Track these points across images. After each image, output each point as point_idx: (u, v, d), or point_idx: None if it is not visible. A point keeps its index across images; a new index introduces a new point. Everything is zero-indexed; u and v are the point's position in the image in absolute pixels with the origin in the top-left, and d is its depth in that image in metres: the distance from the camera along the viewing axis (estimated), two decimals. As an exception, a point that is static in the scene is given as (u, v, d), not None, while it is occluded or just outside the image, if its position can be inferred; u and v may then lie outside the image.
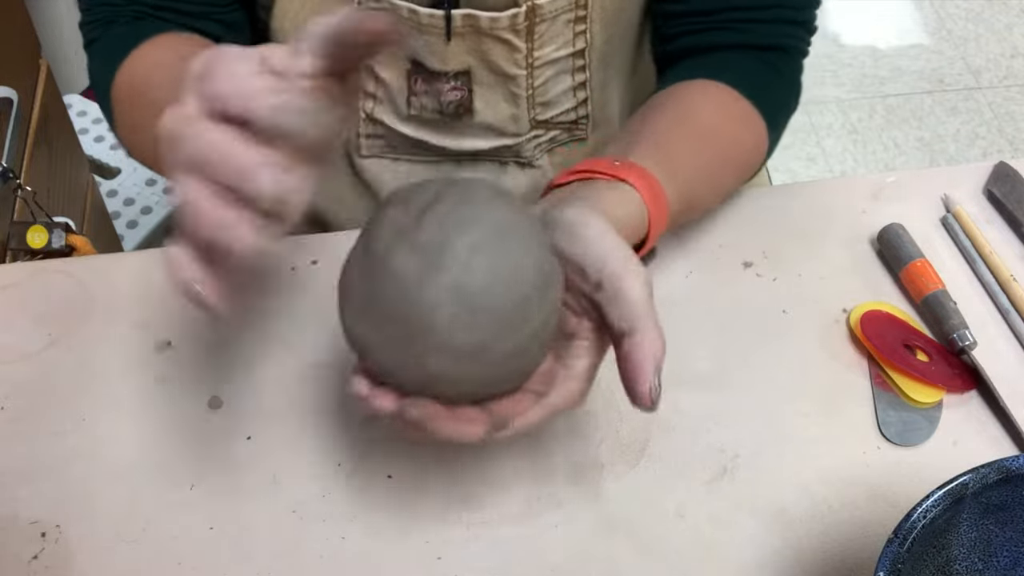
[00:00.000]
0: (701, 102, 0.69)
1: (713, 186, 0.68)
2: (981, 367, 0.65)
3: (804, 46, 0.75)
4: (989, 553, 0.51)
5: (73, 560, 0.57)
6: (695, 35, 0.73)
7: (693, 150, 0.64)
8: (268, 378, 0.64)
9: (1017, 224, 0.73)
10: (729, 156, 0.69)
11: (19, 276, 0.70)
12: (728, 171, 0.69)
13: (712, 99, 0.69)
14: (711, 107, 0.69)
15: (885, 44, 2.20)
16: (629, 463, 0.61)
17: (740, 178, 0.71)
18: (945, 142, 2.02)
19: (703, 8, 0.72)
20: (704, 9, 0.72)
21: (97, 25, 0.71)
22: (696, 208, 0.66)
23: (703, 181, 0.65)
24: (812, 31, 0.75)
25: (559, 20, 0.72)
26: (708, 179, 0.66)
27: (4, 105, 1.00)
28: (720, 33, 0.72)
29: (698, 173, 0.64)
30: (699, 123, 0.67)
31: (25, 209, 0.99)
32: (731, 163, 0.69)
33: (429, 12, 0.69)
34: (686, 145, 0.64)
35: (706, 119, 0.67)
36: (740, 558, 0.58)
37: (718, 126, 0.68)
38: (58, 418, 0.63)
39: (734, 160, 0.69)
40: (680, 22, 0.74)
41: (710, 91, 0.69)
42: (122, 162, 1.55)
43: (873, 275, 0.71)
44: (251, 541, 0.58)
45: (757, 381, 0.65)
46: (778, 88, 0.74)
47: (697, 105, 0.68)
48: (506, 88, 0.75)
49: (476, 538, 0.58)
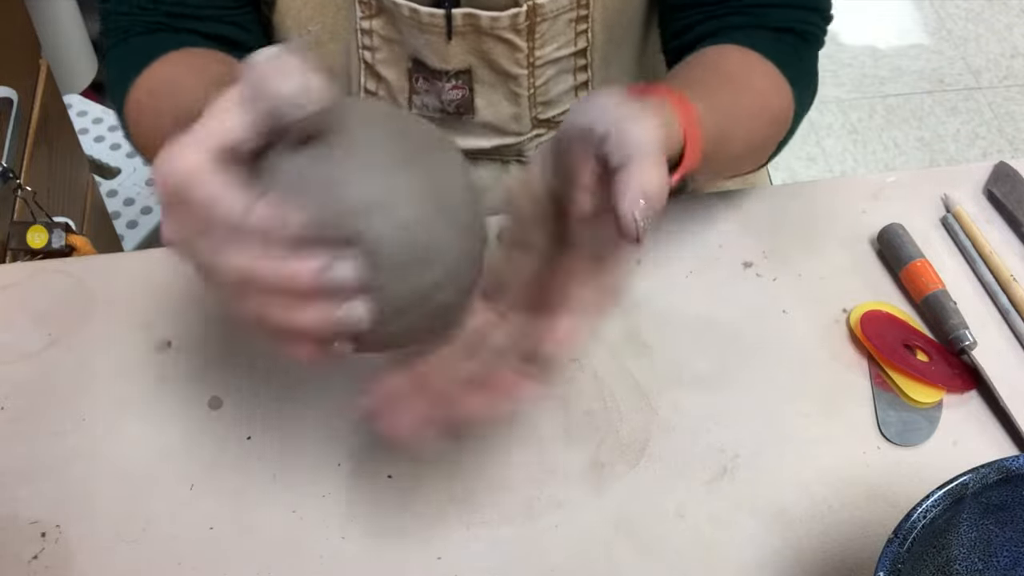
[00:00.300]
0: (730, 55, 0.67)
1: (747, 129, 0.66)
2: (981, 367, 0.65)
3: (820, 33, 0.74)
4: (989, 553, 0.51)
5: (73, 560, 0.57)
6: (708, 22, 0.72)
7: (724, 90, 0.63)
8: (268, 378, 0.64)
9: (1017, 224, 0.73)
10: (760, 104, 0.67)
11: (19, 276, 0.70)
12: (761, 119, 0.67)
13: (741, 55, 0.68)
14: (740, 60, 0.67)
15: (885, 44, 2.20)
16: (629, 463, 0.61)
17: (772, 131, 0.69)
18: (945, 142, 2.02)
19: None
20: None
21: (114, 34, 0.71)
22: (730, 146, 0.63)
23: (736, 119, 0.63)
24: (828, 19, 0.74)
25: (560, 19, 0.72)
26: (741, 118, 0.64)
27: (4, 105, 1.00)
28: (734, 18, 0.71)
29: (731, 109, 0.62)
30: (730, 71, 0.65)
31: (25, 209, 0.99)
32: (763, 112, 0.67)
33: (430, 11, 0.69)
34: (717, 84, 0.63)
35: (736, 68, 0.66)
36: (740, 558, 0.58)
37: (748, 76, 0.67)
38: (58, 418, 0.63)
39: (766, 109, 0.68)
40: (691, 13, 0.72)
41: (739, 50, 0.68)
42: (122, 162, 1.55)
43: (873, 275, 0.71)
44: (251, 541, 0.58)
45: (757, 381, 0.65)
46: (800, 68, 0.72)
47: (727, 57, 0.67)
48: (507, 87, 0.75)
49: (476, 538, 0.58)
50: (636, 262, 0.70)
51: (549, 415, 0.63)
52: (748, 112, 0.66)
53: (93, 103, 1.60)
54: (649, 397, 0.64)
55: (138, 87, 0.67)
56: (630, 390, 0.64)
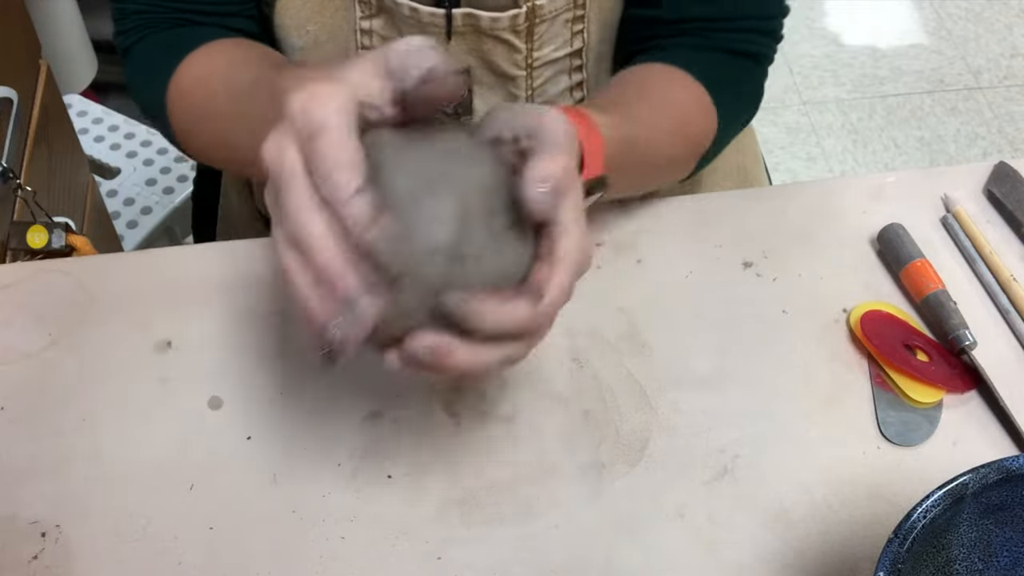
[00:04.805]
0: (652, 71, 0.70)
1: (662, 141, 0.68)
2: (981, 367, 0.65)
3: (771, 53, 0.76)
4: (989, 553, 0.51)
5: (73, 560, 0.57)
6: (665, 39, 0.73)
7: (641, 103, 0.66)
8: (268, 378, 0.64)
9: (1017, 224, 0.73)
10: (676, 118, 0.69)
11: (19, 276, 0.70)
12: (678, 134, 0.70)
13: (664, 72, 0.70)
14: (662, 76, 0.70)
15: (885, 44, 2.20)
16: (629, 463, 0.61)
17: (691, 145, 0.71)
18: (945, 142, 2.02)
19: (674, 17, 0.73)
20: (675, 18, 0.73)
21: (133, 33, 0.72)
22: (644, 156, 0.66)
23: (651, 130, 0.66)
24: (779, 39, 0.76)
25: (558, 20, 0.72)
26: (656, 130, 0.67)
27: (4, 105, 1.00)
28: (690, 39, 0.73)
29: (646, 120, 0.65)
30: (649, 86, 0.68)
31: (25, 209, 0.99)
32: (681, 127, 0.70)
33: (430, 11, 0.69)
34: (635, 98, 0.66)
35: (656, 84, 0.69)
36: (740, 558, 0.58)
37: (668, 92, 0.69)
38: (58, 418, 0.63)
39: (685, 124, 0.70)
40: (651, 29, 0.74)
41: (662, 68, 0.71)
42: (122, 162, 1.55)
43: (873, 275, 0.71)
44: (251, 541, 0.58)
45: (757, 381, 0.65)
46: (736, 89, 0.74)
47: (650, 73, 0.70)
48: (505, 89, 0.75)
49: (476, 538, 0.58)
50: (636, 261, 0.70)
51: (549, 415, 0.63)
52: (664, 126, 0.68)
53: (93, 103, 1.60)
54: (649, 397, 0.64)
55: (181, 76, 0.68)
56: (630, 390, 0.64)
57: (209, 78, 0.67)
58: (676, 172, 0.73)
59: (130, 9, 0.72)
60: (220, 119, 0.66)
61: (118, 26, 0.73)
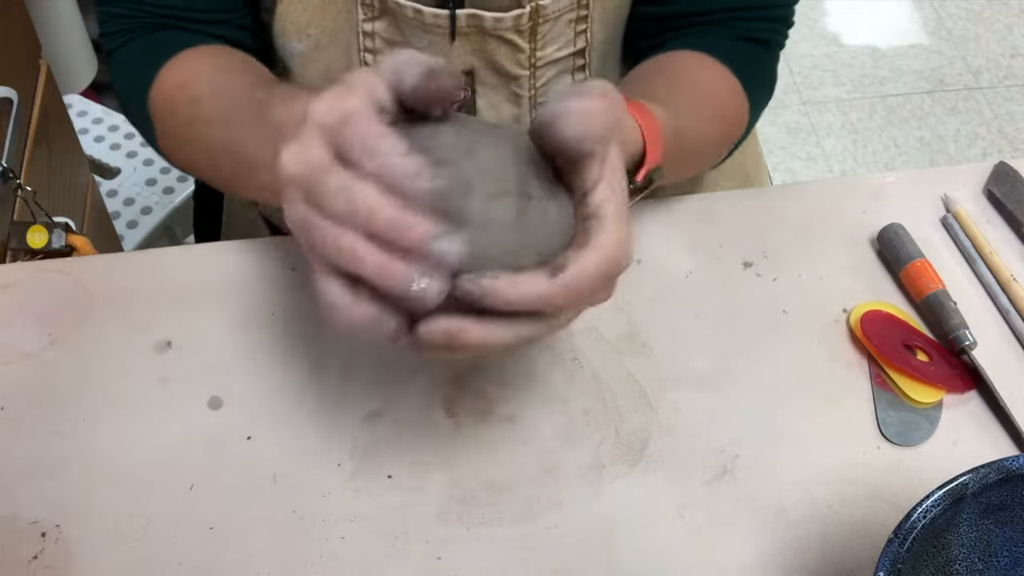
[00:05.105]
0: (685, 60, 0.70)
1: (704, 129, 0.68)
2: (981, 367, 0.65)
3: (783, 40, 0.77)
4: (989, 553, 0.51)
5: (73, 560, 0.57)
6: (678, 32, 0.74)
7: (680, 92, 0.66)
8: (268, 378, 0.64)
9: (1017, 224, 0.73)
10: (715, 106, 0.70)
11: (19, 276, 0.70)
12: (717, 120, 0.70)
13: (696, 60, 0.71)
14: (695, 65, 0.70)
15: (885, 44, 2.20)
16: (629, 463, 0.61)
17: (725, 136, 0.72)
18: (945, 142, 2.02)
19: (686, 11, 0.73)
20: (687, 12, 0.73)
21: (118, 36, 0.72)
22: (689, 145, 0.66)
23: (693, 119, 0.66)
24: (790, 25, 0.77)
25: (561, 20, 0.72)
26: (698, 119, 0.67)
27: (4, 105, 1.00)
28: (703, 29, 0.73)
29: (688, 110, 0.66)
30: (684, 75, 0.68)
31: (25, 209, 0.99)
32: (719, 113, 0.70)
33: (434, 12, 0.69)
34: (673, 88, 0.66)
35: (691, 73, 0.69)
36: (740, 558, 0.58)
37: (704, 80, 0.69)
38: (58, 418, 0.63)
39: (722, 110, 0.70)
40: (663, 24, 0.74)
41: (693, 55, 0.71)
42: (122, 162, 1.55)
43: (873, 275, 0.71)
44: (251, 541, 0.58)
45: (757, 381, 0.65)
46: (760, 76, 0.75)
47: (682, 62, 0.70)
48: (509, 89, 0.75)
49: (476, 538, 0.58)
50: (636, 261, 0.70)
51: (549, 415, 0.63)
52: (705, 113, 0.68)
53: (93, 103, 1.60)
54: (649, 397, 0.64)
55: (164, 80, 0.68)
56: (630, 390, 0.64)
57: (192, 82, 0.67)
58: (713, 159, 0.74)
59: (114, 12, 0.71)
60: (203, 125, 0.66)
61: (103, 28, 0.73)
